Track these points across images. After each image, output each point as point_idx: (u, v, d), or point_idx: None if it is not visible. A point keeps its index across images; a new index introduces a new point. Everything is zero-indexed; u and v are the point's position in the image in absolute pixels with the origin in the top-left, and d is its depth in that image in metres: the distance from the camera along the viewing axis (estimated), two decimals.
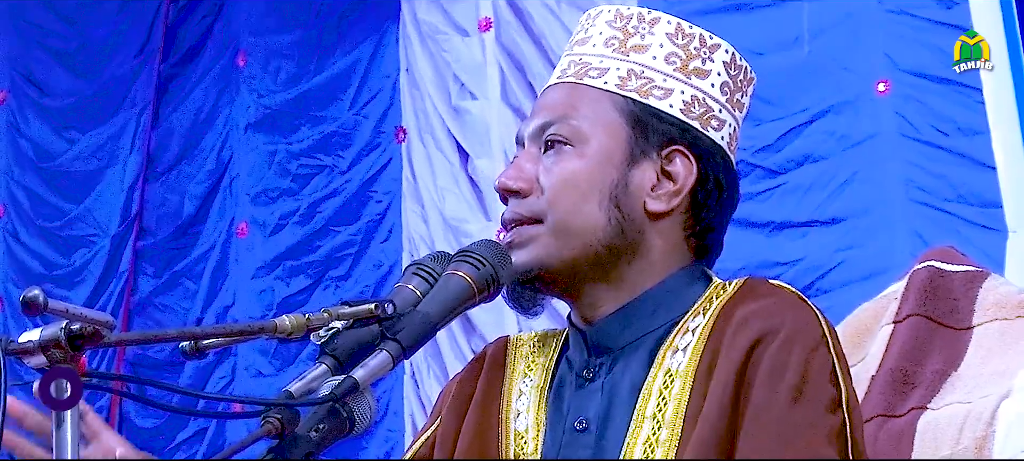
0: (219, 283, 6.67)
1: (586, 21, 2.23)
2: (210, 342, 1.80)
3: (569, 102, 2.15)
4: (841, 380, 1.98)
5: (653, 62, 2.15)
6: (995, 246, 4.58)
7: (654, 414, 2.02)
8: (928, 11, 4.90)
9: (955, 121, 4.81)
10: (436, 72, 6.06)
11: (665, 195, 2.12)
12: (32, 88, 7.26)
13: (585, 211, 2.09)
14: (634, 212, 2.11)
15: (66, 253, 7.06)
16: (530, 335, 2.29)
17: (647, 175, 2.12)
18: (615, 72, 2.15)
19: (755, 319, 2.01)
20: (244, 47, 6.71)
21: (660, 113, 2.13)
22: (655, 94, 2.14)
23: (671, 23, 2.18)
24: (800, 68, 5.11)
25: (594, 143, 2.11)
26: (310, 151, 6.44)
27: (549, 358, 2.22)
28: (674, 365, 2.05)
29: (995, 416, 2.47)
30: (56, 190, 7.14)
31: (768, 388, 1.95)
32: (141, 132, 6.94)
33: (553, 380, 2.18)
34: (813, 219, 5.05)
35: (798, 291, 2.08)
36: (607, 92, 2.14)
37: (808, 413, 1.93)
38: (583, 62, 2.18)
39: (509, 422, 2.17)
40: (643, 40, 2.16)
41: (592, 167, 2.10)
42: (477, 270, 1.99)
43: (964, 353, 2.65)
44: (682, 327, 2.09)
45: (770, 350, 1.97)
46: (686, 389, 2.02)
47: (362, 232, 6.24)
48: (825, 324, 2.02)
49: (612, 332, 2.11)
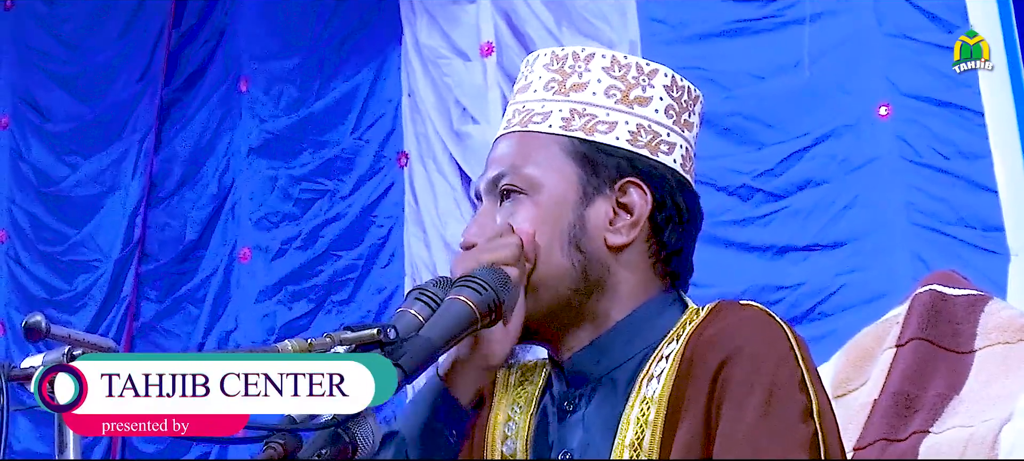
0: (221, 308, 6.67)
1: (525, 68, 2.23)
2: None
3: (518, 151, 2.15)
4: (810, 389, 1.97)
5: (594, 98, 2.15)
6: (997, 269, 4.58)
7: (633, 443, 2.02)
8: (929, 35, 4.91)
9: (956, 144, 4.82)
10: (438, 97, 6.06)
11: (624, 227, 2.12)
12: (34, 113, 7.27)
13: (546, 260, 2.10)
14: (596, 250, 2.11)
15: (68, 278, 7.06)
16: (519, 364, 2.29)
17: (602, 211, 2.12)
18: (558, 114, 2.15)
19: (721, 339, 2.01)
20: (246, 72, 6.71)
21: (607, 147, 2.13)
22: (599, 129, 2.13)
23: (606, 57, 2.18)
24: (801, 92, 5.12)
25: (547, 189, 2.11)
26: (312, 176, 6.44)
27: (536, 387, 2.22)
28: (650, 392, 2.05)
29: (997, 440, 2.47)
30: (58, 215, 7.14)
31: (737, 406, 1.94)
32: (143, 157, 6.95)
33: (539, 410, 2.19)
34: (814, 243, 5.05)
35: (765, 308, 2.07)
36: (553, 135, 2.14)
37: (778, 425, 1.93)
38: (526, 109, 2.18)
39: (496, 445, 2.19)
40: (581, 78, 2.16)
41: (548, 213, 2.10)
42: (479, 295, 1.98)
43: (966, 377, 2.65)
44: (657, 354, 2.08)
45: (736, 368, 1.97)
46: (661, 416, 2.02)
47: (364, 257, 6.24)
48: (792, 335, 2.02)
49: (587, 364, 2.12)
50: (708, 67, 5.26)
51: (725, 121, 5.20)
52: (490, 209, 2.16)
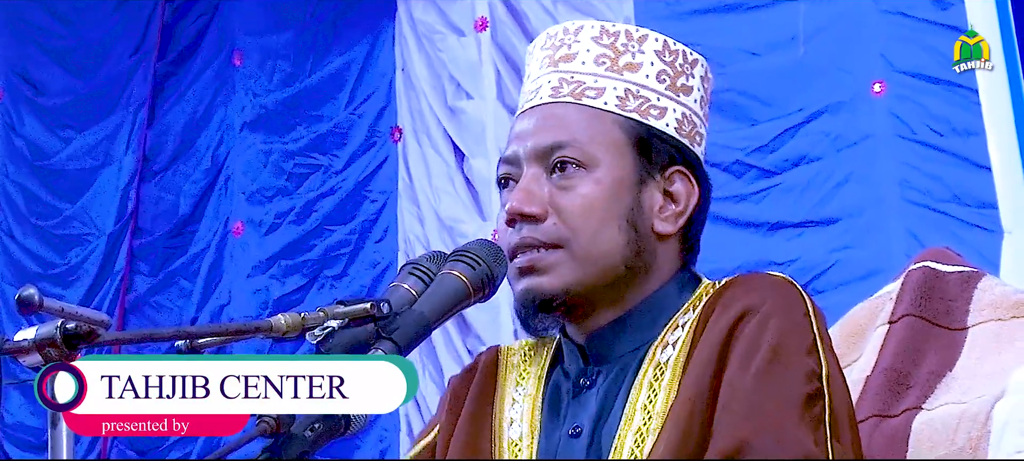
0: (214, 282, 6.68)
1: (566, 36, 2.20)
2: (205, 341, 1.80)
3: (575, 123, 2.12)
4: (822, 355, 1.98)
5: (646, 81, 2.15)
6: (990, 247, 4.58)
7: (644, 405, 2.03)
8: (924, 12, 4.90)
9: (950, 122, 4.82)
10: (432, 72, 6.06)
11: (671, 217, 2.14)
12: (28, 87, 7.26)
13: (607, 236, 2.09)
14: (647, 233, 2.12)
15: (61, 252, 7.06)
16: (520, 344, 2.29)
17: (654, 197, 2.13)
18: (612, 92, 2.14)
19: (738, 299, 2.03)
20: (240, 46, 6.71)
21: (661, 133, 2.13)
22: (652, 114, 2.14)
23: (658, 40, 2.18)
24: (796, 68, 5.12)
25: (606, 167, 2.10)
26: (306, 150, 6.44)
27: (541, 367, 2.22)
28: (664, 358, 2.06)
29: (990, 417, 2.47)
30: (51, 189, 7.14)
31: (741, 362, 1.96)
32: (137, 131, 6.94)
33: (547, 389, 2.18)
34: (808, 219, 5.05)
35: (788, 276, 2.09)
36: (609, 113, 2.13)
37: (780, 383, 1.94)
38: (576, 80, 2.15)
39: (503, 430, 2.18)
40: (634, 58, 2.15)
41: (609, 192, 2.10)
42: (473, 269, 1.98)
43: (959, 354, 2.65)
44: (673, 325, 2.10)
45: (750, 326, 1.98)
46: (676, 379, 2.03)
47: (357, 231, 6.24)
48: (809, 302, 2.03)
49: (609, 342, 2.12)
50: (702, 43, 5.23)
51: (719, 97, 5.16)
52: (538, 176, 2.12)
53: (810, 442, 1.92)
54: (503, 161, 2.18)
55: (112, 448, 6.77)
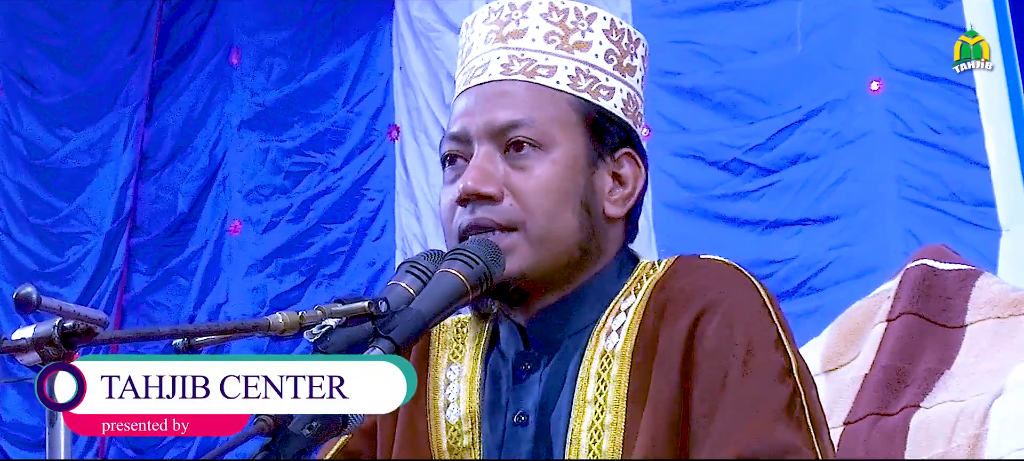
0: (212, 280, 6.68)
1: (514, 12, 2.13)
2: (203, 339, 1.80)
3: (530, 102, 2.07)
4: (787, 347, 1.96)
5: (596, 61, 2.11)
6: (988, 244, 4.59)
7: (595, 398, 2.01)
8: (921, 10, 4.91)
9: (948, 119, 4.82)
10: (429, 70, 6.06)
11: (620, 199, 2.10)
12: (25, 85, 7.26)
13: (563, 219, 2.04)
14: (599, 216, 2.08)
15: (59, 250, 7.06)
16: (453, 320, 2.22)
17: (604, 179, 2.09)
18: (564, 71, 2.09)
19: (694, 294, 1.99)
20: (237, 45, 6.71)
21: (610, 114, 2.10)
22: (602, 94, 2.10)
23: (606, 19, 2.14)
24: (793, 66, 5.12)
25: (561, 147, 2.06)
26: (303, 149, 6.44)
27: (477, 347, 2.17)
28: (610, 346, 2.03)
29: (988, 415, 2.47)
30: (49, 187, 7.13)
31: (715, 366, 1.94)
32: (134, 130, 6.94)
33: (485, 371, 2.14)
34: (806, 217, 5.05)
35: (730, 261, 2.06)
36: (562, 92, 2.08)
37: (758, 386, 1.92)
38: (527, 58, 2.10)
39: (438, 411, 2.14)
40: (583, 37, 2.11)
41: (565, 173, 2.05)
42: (470, 268, 1.98)
43: (957, 351, 2.65)
44: (614, 308, 2.06)
45: (712, 326, 1.95)
46: (625, 370, 2.00)
47: (355, 230, 6.25)
48: (764, 292, 2.01)
49: (551, 325, 2.08)
50: (700, 41, 5.26)
51: (717, 95, 5.20)
52: (492, 155, 2.06)
53: (799, 442, 1.91)
54: (450, 138, 2.12)
55: (110, 447, 6.77)
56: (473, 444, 2.10)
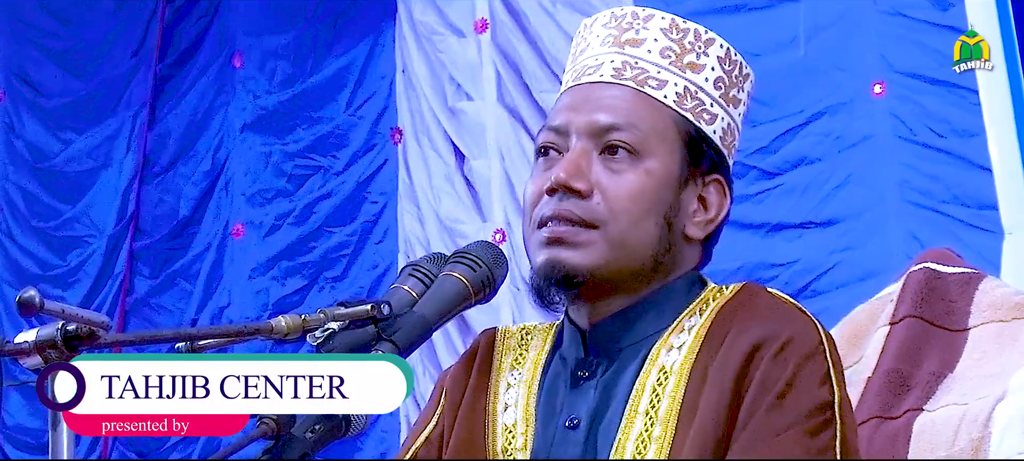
0: (215, 284, 6.68)
1: (635, 21, 2.17)
2: (206, 343, 1.80)
3: (635, 109, 2.10)
4: (834, 384, 1.98)
5: (705, 84, 2.14)
6: (991, 248, 4.58)
7: (647, 410, 2.02)
8: (924, 12, 4.90)
9: (951, 123, 4.82)
10: (432, 73, 6.06)
11: (702, 222, 2.13)
12: (27, 88, 7.26)
13: (644, 227, 2.07)
14: (679, 234, 2.11)
15: (62, 254, 7.06)
16: (519, 327, 2.26)
17: (691, 199, 2.12)
18: (673, 87, 2.12)
19: (754, 325, 2.01)
20: (240, 48, 6.71)
21: (709, 139, 2.13)
22: (704, 118, 2.13)
23: (723, 47, 2.18)
24: (796, 69, 5.12)
25: (658, 159, 2.09)
26: (306, 152, 6.44)
27: (540, 352, 2.20)
28: (669, 362, 2.05)
29: (991, 418, 2.47)
30: (52, 190, 7.13)
31: (756, 397, 1.96)
32: (137, 133, 6.94)
33: (545, 376, 2.16)
34: (808, 221, 5.05)
35: (796, 301, 2.09)
36: (668, 107, 2.11)
37: (786, 417, 1.94)
38: (640, 67, 2.13)
39: (497, 416, 2.16)
40: (698, 59, 2.15)
41: (657, 185, 2.08)
42: (473, 271, 1.98)
43: (960, 355, 2.65)
44: (677, 326, 2.09)
45: (766, 359, 1.97)
46: (681, 386, 2.02)
47: (358, 233, 6.24)
48: (822, 332, 2.03)
49: (613, 333, 2.10)
50: None
51: None
52: (588, 152, 2.09)
53: None
54: (550, 129, 2.14)
55: (112, 450, 6.77)
56: (525, 447, 2.12)
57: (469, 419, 2.18)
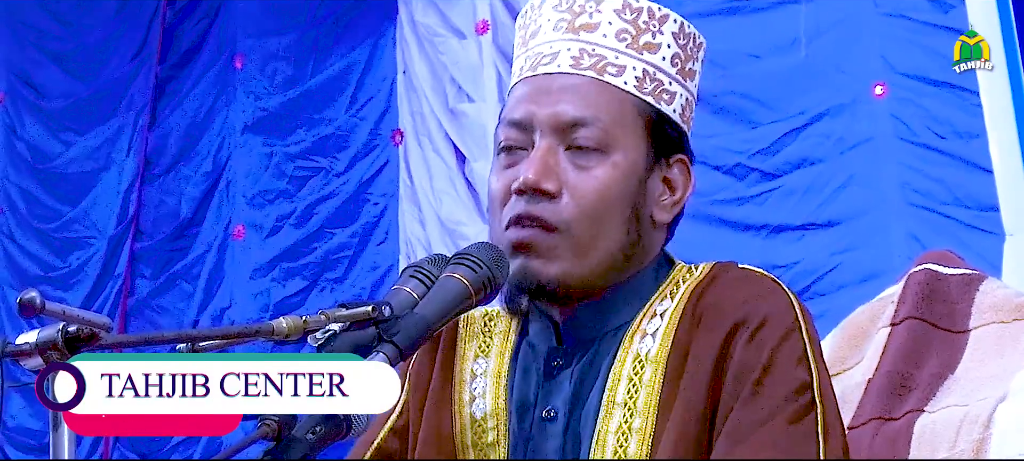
0: (216, 285, 6.68)
1: (587, 3, 2.11)
2: (207, 344, 1.79)
3: (597, 101, 2.05)
4: (812, 364, 1.96)
5: (662, 63, 2.10)
6: (992, 249, 4.58)
7: (625, 401, 2.00)
8: (925, 14, 4.91)
9: (952, 124, 4.82)
10: (433, 75, 6.06)
11: (668, 205, 2.10)
12: (29, 90, 7.26)
13: (610, 227, 2.04)
14: (646, 221, 2.08)
15: (62, 255, 7.06)
16: (482, 312, 2.21)
17: (657, 184, 2.09)
18: (632, 72, 2.07)
19: (729, 308, 1.99)
20: (241, 49, 6.71)
21: (669, 119, 2.09)
22: (664, 98, 2.09)
23: (677, 22, 2.13)
24: (797, 71, 5.12)
25: (623, 151, 2.05)
26: (307, 153, 6.44)
27: (505, 341, 2.18)
28: (643, 350, 2.03)
29: (992, 419, 2.47)
30: (53, 192, 7.14)
31: (735, 384, 1.94)
32: (138, 134, 6.95)
33: (514, 366, 2.14)
34: (809, 222, 5.05)
35: (768, 273, 2.06)
36: (628, 94, 2.07)
37: (767, 402, 1.92)
38: (598, 54, 2.08)
39: (463, 406, 2.14)
40: (654, 39, 2.10)
41: (624, 177, 2.04)
42: (474, 272, 1.97)
43: (961, 356, 2.65)
44: (649, 310, 2.06)
45: (742, 343, 1.96)
46: (658, 376, 2.00)
47: (359, 234, 6.25)
48: (798, 307, 2.00)
49: (587, 323, 2.08)
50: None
51: (720, 100, 5.20)
52: (554, 149, 2.05)
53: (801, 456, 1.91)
54: (511, 123, 2.10)
55: (114, 450, 6.77)
56: (497, 441, 2.10)
57: (435, 413, 2.15)
